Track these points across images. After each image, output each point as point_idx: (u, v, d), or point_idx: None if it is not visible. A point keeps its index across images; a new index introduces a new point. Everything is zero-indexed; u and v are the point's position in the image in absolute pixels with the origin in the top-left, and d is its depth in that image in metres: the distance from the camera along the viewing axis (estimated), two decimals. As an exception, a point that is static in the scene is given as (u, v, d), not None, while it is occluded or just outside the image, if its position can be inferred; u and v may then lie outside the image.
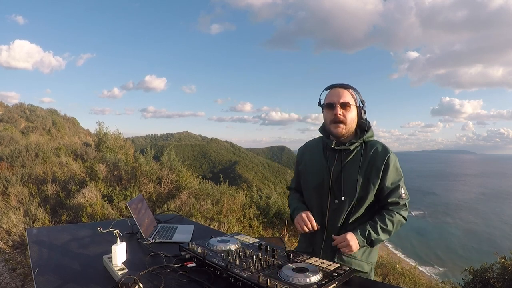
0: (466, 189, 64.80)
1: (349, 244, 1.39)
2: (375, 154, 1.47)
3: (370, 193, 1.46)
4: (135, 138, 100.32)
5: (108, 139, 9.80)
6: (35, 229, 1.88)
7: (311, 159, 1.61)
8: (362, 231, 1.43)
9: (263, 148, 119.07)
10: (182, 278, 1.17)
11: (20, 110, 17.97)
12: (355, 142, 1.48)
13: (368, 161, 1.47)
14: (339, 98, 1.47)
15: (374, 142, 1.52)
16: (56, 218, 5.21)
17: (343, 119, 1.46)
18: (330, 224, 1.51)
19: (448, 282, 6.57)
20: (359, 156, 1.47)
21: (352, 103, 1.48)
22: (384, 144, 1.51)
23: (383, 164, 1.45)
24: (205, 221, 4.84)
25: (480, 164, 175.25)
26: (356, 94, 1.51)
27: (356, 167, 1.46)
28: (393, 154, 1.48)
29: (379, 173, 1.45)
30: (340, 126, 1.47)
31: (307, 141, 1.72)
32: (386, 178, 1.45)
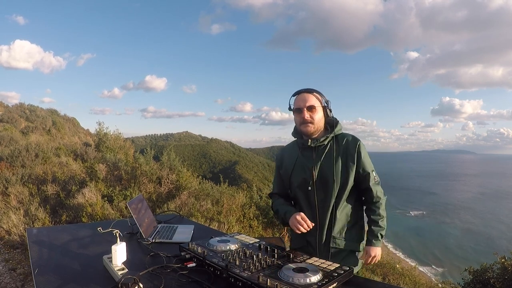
0: (465, 189, 64.82)
1: (377, 255, 1.66)
2: (347, 144, 1.65)
3: (350, 178, 1.62)
4: (135, 138, 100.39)
5: (108, 139, 9.80)
6: (35, 229, 1.88)
7: (290, 161, 1.75)
8: (374, 236, 1.66)
9: (263, 148, 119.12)
10: (182, 278, 1.17)
11: (20, 110, 17.97)
12: (328, 137, 1.65)
13: (342, 151, 1.65)
14: (305, 102, 1.64)
15: (343, 134, 1.70)
16: (56, 218, 5.21)
17: (311, 120, 1.64)
18: (320, 213, 1.65)
19: (448, 282, 6.57)
20: (333, 148, 1.65)
21: (317, 105, 1.65)
22: (353, 134, 1.70)
23: (356, 151, 1.63)
24: (205, 221, 4.84)
25: (480, 164, 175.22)
26: (320, 96, 1.68)
27: (333, 157, 1.63)
28: (362, 142, 1.67)
29: (354, 159, 1.63)
30: (309, 125, 1.65)
31: (283, 147, 1.89)
32: (360, 162, 1.64)
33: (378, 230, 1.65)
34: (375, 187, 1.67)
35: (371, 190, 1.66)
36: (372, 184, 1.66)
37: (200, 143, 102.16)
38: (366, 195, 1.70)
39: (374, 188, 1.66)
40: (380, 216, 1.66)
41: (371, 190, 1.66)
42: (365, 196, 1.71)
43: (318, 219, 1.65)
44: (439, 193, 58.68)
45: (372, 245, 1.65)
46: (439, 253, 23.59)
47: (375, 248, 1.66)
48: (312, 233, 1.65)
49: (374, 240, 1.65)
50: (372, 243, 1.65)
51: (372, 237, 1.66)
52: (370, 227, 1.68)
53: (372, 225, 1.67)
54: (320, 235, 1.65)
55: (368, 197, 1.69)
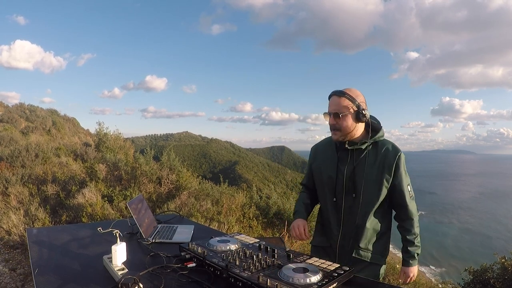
0: (465, 189, 64.84)
1: (414, 275, 1.62)
2: (386, 153, 1.55)
3: (383, 189, 1.54)
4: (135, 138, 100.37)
5: (108, 139, 9.79)
6: (35, 229, 1.87)
7: (324, 157, 1.68)
8: (410, 257, 1.61)
9: (263, 148, 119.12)
10: (182, 278, 1.16)
11: (20, 110, 17.96)
12: (366, 142, 1.55)
13: (380, 159, 1.54)
14: (332, 107, 1.55)
15: (384, 142, 1.59)
16: (56, 218, 5.21)
17: (337, 126, 1.55)
18: (346, 220, 1.60)
19: (448, 282, 6.56)
20: (371, 155, 1.55)
21: (345, 111, 1.52)
22: (394, 144, 1.59)
23: (394, 163, 1.53)
24: (205, 221, 4.84)
25: (480, 164, 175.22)
26: (352, 99, 1.52)
27: (369, 165, 1.54)
28: (402, 154, 1.56)
29: (391, 171, 1.53)
30: (336, 133, 1.57)
31: (320, 140, 1.81)
32: (397, 176, 1.54)
33: (414, 250, 1.60)
34: (411, 203, 1.58)
35: (405, 207, 1.58)
36: (407, 201, 1.57)
37: (200, 143, 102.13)
38: (400, 211, 1.62)
39: (409, 204, 1.58)
40: (415, 235, 1.60)
41: (406, 207, 1.58)
42: (398, 211, 1.63)
43: (342, 225, 1.61)
44: (439, 193, 58.69)
45: (409, 266, 1.60)
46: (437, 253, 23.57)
47: (412, 268, 1.61)
48: (334, 237, 1.63)
49: (411, 260, 1.60)
50: (409, 264, 1.60)
51: (408, 257, 1.60)
52: (405, 247, 1.61)
53: (408, 245, 1.60)
54: (342, 242, 1.61)
55: (401, 214, 1.62)
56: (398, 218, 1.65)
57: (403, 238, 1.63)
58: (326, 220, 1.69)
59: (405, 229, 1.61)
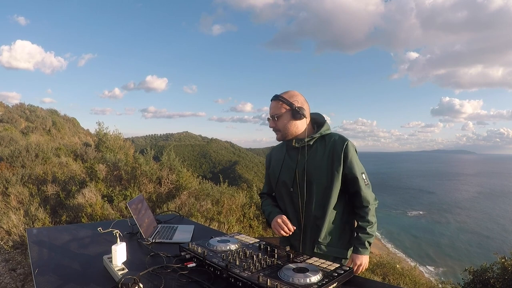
0: (464, 189, 64.93)
1: (363, 264, 1.57)
2: (334, 144, 1.58)
3: (335, 180, 1.55)
4: (135, 138, 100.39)
5: (108, 139, 9.79)
6: (35, 229, 1.87)
7: (276, 161, 1.74)
8: (360, 244, 1.57)
9: (263, 148, 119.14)
10: (182, 278, 1.16)
11: (20, 110, 17.97)
12: (313, 137, 1.60)
13: (329, 151, 1.57)
14: (270, 111, 1.65)
15: (331, 134, 1.63)
16: (56, 218, 5.21)
17: (276, 128, 1.63)
18: (306, 217, 1.61)
19: (448, 282, 6.57)
20: (319, 148, 1.60)
21: (279, 112, 1.60)
22: (341, 134, 1.62)
23: (342, 152, 1.55)
24: (205, 221, 4.84)
25: (480, 164, 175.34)
26: (284, 101, 1.60)
27: (318, 158, 1.58)
28: (350, 142, 1.58)
29: (340, 160, 1.55)
30: (276, 134, 1.66)
31: (273, 147, 1.88)
32: (347, 164, 1.55)
33: (365, 238, 1.56)
34: (365, 191, 1.57)
35: (360, 195, 1.57)
36: (362, 188, 1.56)
37: (200, 143, 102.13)
38: (355, 199, 1.61)
39: (363, 192, 1.56)
40: (369, 223, 1.56)
41: (360, 195, 1.57)
42: (354, 200, 1.62)
43: (303, 222, 1.61)
44: (438, 193, 58.79)
45: (359, 253, 1.56)
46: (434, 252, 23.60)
47: (362, 256, 1.56)
48: (296, 236, 1.63)
49: (360, 248, 1.56)
50: (359, 251, 1.56)
51: (358, 244, 1.57)
52: (357, 233, 1.60)
53: (359, 232, 1.58)
54: (304, 239, 1.61)
55: (357, 202, 1.60)
56: (354, 206, 1.64)
57: (356, 225, 1.63)
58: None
59: (360, 216, 1.60)
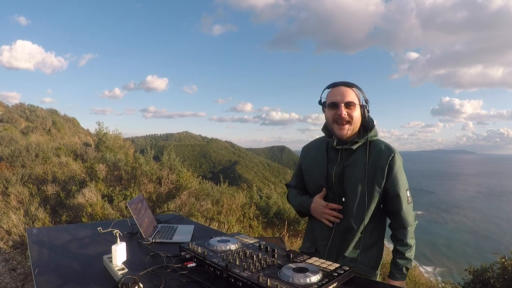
0: (463, 188, 64.97)
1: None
2: (379, 154, 1.41)
3: (375, 194, 1.41)
4: (135, 138, 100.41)
5: (108, 139, 9.80)
6: (35, 229, 1.87)
7: (314, 158, 1.56)
8: (398, 270, 1.43)
9: (263, 148, 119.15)
10: (182, 278, 1.16)
11: (20, 110, 17.97)
12: (357, 142, 1.43)
13: (372, 161, 1.41)
14: (343, 97, 1.40)
15: (378, 142, 1.46)
16: (56, 218, 5.21)
17: (349, 119, 1.40)
18: (336, 227, 1.48)
19: (448, 282, 6.57)
20: (362, 155, 1.42)
21: (356, 102, 1.41)
22: (389, 144, 1.45)
23: (387, 165, 1.39)
24: (205, 221, 4.84)
25: (480, 164, 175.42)
26: (359, 92, 1.45)
27: (359, 167, 1.41)
28: (397, 154, 1.41)
29: (384, 173, 1.39)
30: (345, 127, 1.41)
31: (312, 140, 1.67)
32: (391, 179, 1.40)
33: (404, 264, 1.42)
34: (406, 210, 1.42)
35: (400, 215, 1.42)
36: (403, 207, 1.41)
37: (200, 143, 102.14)
38: (394, 219, 1.46)
39: (404, 211, 1.42)
40: (408, 246, 1.42)
41: (401, 215, 1.42)
42: (392, 219, 1.47)
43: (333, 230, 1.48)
44: (438, 192, 58.82)
45: (395, 279, 1.43)
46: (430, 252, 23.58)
47: (398, 282, 1.43)
48: (323, 242, 1.52)
49: (397, 274, 1.42)
50: (396, 277, 1.43)
51: (395, 270, 1.43)
52: (394, 257, 1.45)
53: (397, 256, 1.43)
54: (330, 248, 1.48)
55: (395, 222, 1.46)
56: (391, 226, 1.51)
57: (394, 248, 1.47)
58: (316, 224, 1.56)
59: (398, 238, 1.45)
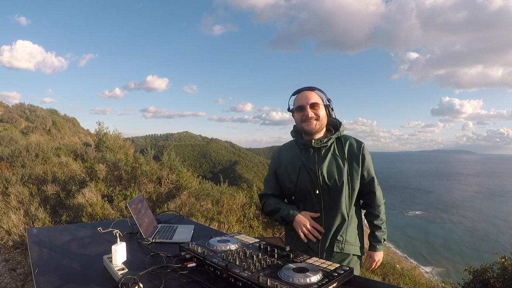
0: (463, 188, 65.09)
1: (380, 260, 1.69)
2: (351, 146, 1.61)
3: (357, 181, 1.59)
4: (135, 138, 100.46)
5: (108, 139, 9.80)
6: (35, 229, 1.87)
7: (290, 161, 1.66)
8: (377, 242, 1.66)
9: (263, 148, 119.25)
10: (182, 278, 1.16)
11: (20, 110, 17.97)
12: (331, 138, 1.60)
13: (347, 153, 1.60)
14: (307, 100, 1.58)
15: (346, 137, 1.65)
16: (56, 218, 5.21)
17: (315, 117, 1.58)
18: (326, 221, 1.59)
19: (448, 282, 6.57)
20: (336, 150, 1.61)
21: (320, 102, 1.60)
22: (355, 137, 1.66)
23: (360, 154, 1.60)
24: (205, 221, 4.84)
25: (479, 164, 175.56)
26: (322, 94, 1.62)
27: (338, 160, 1.58)
28: (365, 145, 1.64)
29: (359, 162, 1.59)
30: (312, 122, 1.58)
31: (280, 146, 1.82)
32: (365, 165, 1.61)
33: (381, 235, 1.65)
34: (378, 191, 1.65)
35: (375, 194, 1.64)
36: (376, 188, 1.64)
37: (200, 143, 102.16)
38: (369, 199, 1.66)
39: (377, 192, 1.64)
40: (382, 221, 1.65)
41: (375, 194, 1.64)
42: (367, 200, 1.67)
43: (323, 224, 1.60)
44: (438, 192, 58.95)
45: (376, 250, 1.66)
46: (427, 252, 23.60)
47: (379, 253, 1.67)
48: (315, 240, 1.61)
49: (377, 245, 1.66)
50: (376, 248, 1.66)
51: (375, 242, 1.66)
52: (373, 232, 1.66)
53: (375, 230, 1.65)
54: (324, 241, 1.60)
55: (370, 201, 1.66)
56: (366, 205, 1.69)
57: (371, 224, 1.67)
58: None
59: (374, 215, 1.65)
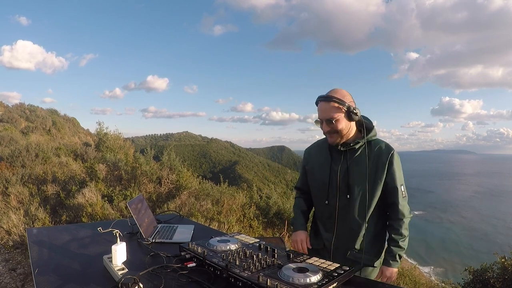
0: (463, 188, 65.09)
1: (392, 277, 1.56)
2: (379, 152, 1.54)
3: (378, 188, 1.53)
4: (135, 138, 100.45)
5: (108, 139, 9.79)
6: (35, 229, 1.87)
7: (317, 158, 1.68)
8: (391, 257, 1.55)
9: (263, 148, 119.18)
10: (182, 278, 1.17)
11: (20, 110, 17.96)
12: (359, 142, 1.54)
13: (374, 158, 1.53)
14: (323, 114, 1.52)
15: (377, 141, 1.58)
16: (56, 218, 5.21)
17: (333, 132, 1.53)
18: (340, 222, 1.59)
19: (448, 282, 6.57)
20: (364, 154, 1.54)
21: (337, 115, 1.49)
22: (387, 142, 1.58)
23: (387, 161, 1.52)
24: (205, 221, 4.84)
25: (479, 164, 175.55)
26: (340, 101, 1.49)
27: (363, 164, 1.53)
28: (396, 152, 1.55)
29: (385, 168, 1.52)
30: (333, 136, 1.55)
31: (314, 142, 1.79)
32: (390, 173, 1.53)
33: (397, 251, 1.54)
34: (402, 203, 1.55)
35: (397, 206, 1.54)
36: (399, 200, 1.54)
37: (200, 143, 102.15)
38: (391, 210, 1.58)
39: (400, 204, 1.54)
40: (402, 236, 1.54)
41: (397, 206, 1.54)
42: (390, 211, 1.59)
43: (336, 227, 1.59)
44: (437, 192, 58.95)
45: (389, 266, 1.55)
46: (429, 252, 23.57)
47: (391, 269, 1.55)
48: (329, 239, 1.63)
49: (391, 260, 1.55)
50: (389, 264, 1.55)
51: (389, 257, 1.55)
52: (389, 246, 1.57)
53: (392, 244, 1.56)
54: (336, 243, 1.60)
55: (392, 213, 1.58)
56: (389, 217, 1.62)
57: (389, 236, 1.60)
58: (320, 222, 1.69)
59: (393, 228, 1.57)
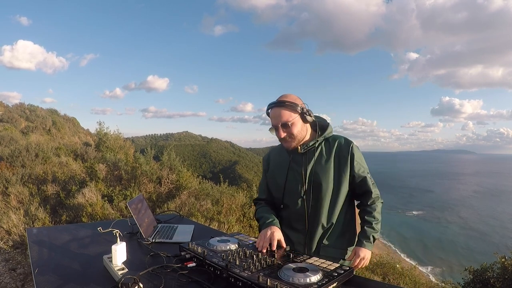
0: (462, 188, 65.15)
1: (365, 258, 1.52)
2: (339, 147, 1.57)
3: (344, 182, 1.54)
4: (135, 138, 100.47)
5: (108, 139, 9.80)
6: (35, 229, 1.87)
7: (279, 164, 1.65)
8: (365, 237, 1.53)
9: (263, 148, 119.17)
10: (182, 278, 1.16)
11: (20, 110, 17.97)
12: (318, 141, 1.57)
13: (335, 154, 1.56)
14: (278, 119, 1.51)
15: (335, 137, 1.62)
16: (56, 218, 5.21)
17: (288, 137, 1.53)
18: (311, 224, 1.56)
19: (448, 282, 6.57)
20: (324, 152, 1.57)
21: (291, 118, 1.50)
22: (345, 136, 1.61)
23: (349, 154, 1.55)
24: (205, 221, 4.84)
25: (479, 164, 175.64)
26: (293, 106, 1.49)
27: (325, 162, 1.55)
28: (355, 144, 1.58)
29: (347, 162, 1.54)
30: (289, 141, 1.55)
31: (270, 149, 1.80)
32: (354, 165, 1.55)
33: (371, 232, 1.53)
34: (373, 189, 1.58)
35: (370, 193, 1.57)
36: (371, 187, 1.57)
37: (200, 143, 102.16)
38: (364, 198, 1.60)
39: (373, 190, 1.57)
40: (375, 219, 1.55)
41: (370, 193, 1.57)
42: (362, 198, 1.61)
43: (308, 227, 1.56)
44: (437, 192, 59.02)
45: (362, 246, 1.51)
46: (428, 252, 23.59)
47: (364, 249, 1.51)
48: (301, 241, 1.58)
49: (365, 241, 1.52)
50: (363, 244, 1.51)
51: (363, 238, 1.53)
52: (362, 227, 1.56)
53: (365, 225, 1.55)
54: (309, 244, 1.56)
55: (365, 200, 1.59)
56: (361, 204, 1.62)
57: (362, 220, 1.59)
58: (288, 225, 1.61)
59: (366, 211, 1.57)
